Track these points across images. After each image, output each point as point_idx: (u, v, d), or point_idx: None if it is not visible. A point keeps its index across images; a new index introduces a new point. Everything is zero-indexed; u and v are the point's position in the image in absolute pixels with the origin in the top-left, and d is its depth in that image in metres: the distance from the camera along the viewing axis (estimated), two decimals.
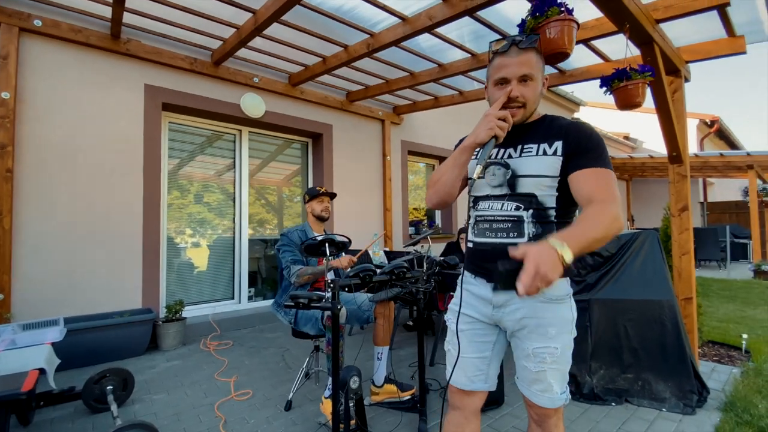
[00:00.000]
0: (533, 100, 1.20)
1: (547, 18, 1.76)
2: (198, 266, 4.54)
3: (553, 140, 1.18)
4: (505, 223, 1.21)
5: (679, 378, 2.46)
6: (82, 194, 3.43)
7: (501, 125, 1.13)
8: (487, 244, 1.26)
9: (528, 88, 1.17)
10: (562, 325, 1.20)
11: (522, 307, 1.20)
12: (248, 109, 4.52)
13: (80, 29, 3.35)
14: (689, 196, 3.12)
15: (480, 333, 1.31)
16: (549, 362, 1.19)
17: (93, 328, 3.14)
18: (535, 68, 1.18)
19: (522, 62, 1.16)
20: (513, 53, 1.17)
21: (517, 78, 1.16)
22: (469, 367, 1.31)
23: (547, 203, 1.19)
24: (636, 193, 13.62)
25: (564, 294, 1.22)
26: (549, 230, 1.18)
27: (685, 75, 3.19)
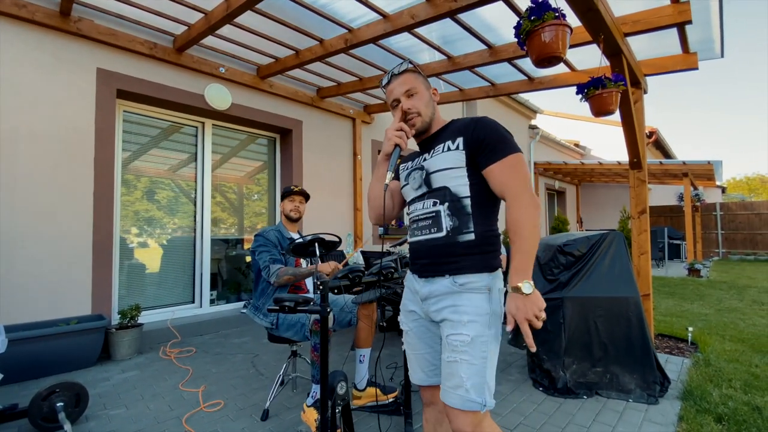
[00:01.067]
0: (425, 107, 1.37)
1: (543, 22, 1.80)
2: (154, 268, 4.21)
3: (456, 137, 1.31)
4: (426, 220, 1.33)
5: (643, 370, 2.62)
6: (22, 188, 3.05)
7: (399, 134, 1.31)
8: (415, 243, 1.39)
9: (415, 99, 1.36)
10: (477, 315, 1.22)
11: (443, 298, 1.28)
12: (213, 100, 4.26)
13: (24, 4, 2.98)
14: (647, 200, 3.35)
15: (425, 328, 1.38)
16: (459, 351, 1.19)
17: (36, 337, 2.79)
18: (415, 82, 1.38)
19: (402, 82, 1.37)
20: (393, 80, 1.40)
21: (403, 95, 1.36)
22: (423, 363, 1.39)
23: (461, 193, 1.28)
24: (585, 197, 14.54)
25: (483, 285, 1.25)
26: (465, 222, 1.27)
27: (644, 87, 3.42)
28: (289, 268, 2.38)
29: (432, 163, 1.33)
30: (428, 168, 1.33)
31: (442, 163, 1.30)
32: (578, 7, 2.23)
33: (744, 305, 5.66)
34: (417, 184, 1.37)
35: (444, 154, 1.30)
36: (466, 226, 1.27)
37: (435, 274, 1.30)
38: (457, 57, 3.91)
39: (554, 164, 11.11)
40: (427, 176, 1.33)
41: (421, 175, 1.36)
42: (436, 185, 1.31)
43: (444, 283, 1.28)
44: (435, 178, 1.31)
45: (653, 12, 2.69)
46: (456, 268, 1.26)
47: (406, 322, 1.43)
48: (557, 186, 12.81)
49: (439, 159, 1.31)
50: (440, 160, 1.30)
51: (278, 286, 2.39)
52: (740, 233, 13.37)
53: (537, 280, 3.07)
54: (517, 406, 2.51)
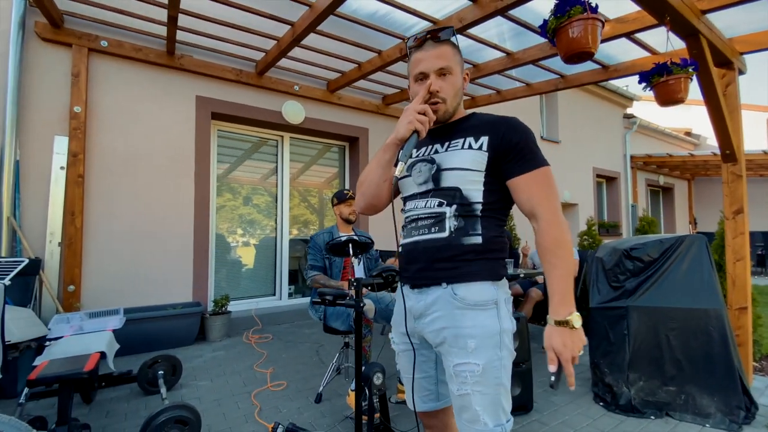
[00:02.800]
0: (453, 94, 1.16)
1: (570, 17, 1.72)
2: (243, 264, 4.84)
3: (480, 135, 1.14)
4: (427, 219, 1.15)
5: (725, 392, 2.28)
6: (141, 197, 3.80)
7: (421, 119, 1.07)
8: (409, 244, 1.19)
9: (446, 81, 1.15)
10: (485, 337, 1.05)
11: (441, 316, 1.10)
12: (289, 115, 4.75)
13: (140, 48, 3.72)
14: (745, 197, 2.87)
15: (418, 352, 1.21)
16: (471, 383, 1.04)
17: (148, 318, 3.47)
18: (453, 61, 1.15)
19: (438, 55, 1.13)
20: (428, 47, 1.15)
21: (434, 72, 1.13)
22: (417, 388, 1.24)
23: (473, 197, 1.12)
24: (698, 194, 12.55)
25: (487, 299, 1.08)
26: (472, 223, 1.11)
27: (739, 67, 2.95)
28: (322, 278, 2.70)
29: (446, 159, 1.15)
30: (441, 163, 1.15)
31: (460, 161, 1.12)
32: None
33: None
34: (422, 179, 1.18)
35: (463, 152, 1.13)
36: (474, 228, 1.11)
37: (430, 282, 1.13)
38: (516, 53, 3.79)
39: (656, 157, 9.83)
40: (438, 172, 1.15)
41: (429, 169, 1.17)
42: (446, 184, 1.13)
43: (441, 295, 1.10)
44: (446, 176, 1.13)
45: None
46: (456, 274, 1.09)
47: (398, 343, 1.27)
48: (662, 182, 11.27)
49: (457, 156, 1.13)
50: (457, 158, 1.13)
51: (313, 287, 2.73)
52: None
53: (601, 286, 2.85)
54: (569, 418, 2.39)
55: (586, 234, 5.11)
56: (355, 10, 3.32)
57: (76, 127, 3.40)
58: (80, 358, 1.95)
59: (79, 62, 3.44)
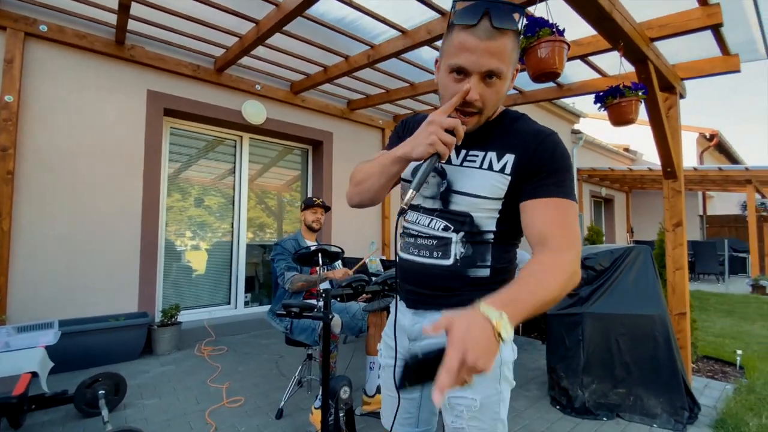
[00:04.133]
0: (493, 105, 0.91)
1: (539, 38, 1.80)
2: (195, 270, 4.56)
3: (504, 151, 0.93)
4: (429, 240, 1.00)
5: (670, 394, 2.46)
6: (81, 197, 3.46)
7: (447, 140, 0.83)
8: (408, 262, 1.05)
9: (492, 89, 0.87)
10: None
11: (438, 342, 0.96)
12: (249, 115, 4.56)
13: (85, 35, 3.40)
14: (683, 211, 3.14)
15: None
16: (466, 418, 0.95)
17: (87, 331, 3.15)
18: (507, 61, 0.86)
19: (494, 51, 0.83)
20: (483, 31, 0.82)
21: (480, 73, 0.85)
22: (399, 410, 1.10)
23: (484, 226, 0.96)
24: (635, 205, 13.65)
25: None
26: (481, 253, 0.97)
27: (680, 92, 3.23)
28: (303, 275, 2.52)
29: (459, 178, 0.96)
30: (452, 181, 0.97)
31: (475, 186, 0.94)
32: (590, 17, 2.18)
33: None
34: (429, 192, 1.01)
35: (481, 174, 0.94)
36: (482, 259, 0.97)
37: (428, 306, 1.02)
38: None
39: (599, 170, 10.56)
40: (447, 191, 0.97)
41: (438, 184, 0.99)
42: (455, 208, 0.97)
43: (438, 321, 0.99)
44: (457, 199, 0.97)
45: (680, 15, 2.55)
46: (455, 302, 0.94)
47: (386, 357, 1.14)
48: (604, 193, 12.14)
49: (473, 179, 0.95)
50: (473, 181, 0.95)
51: (293, 292, 2.53)
52: None
53: None
54: (529, 423, 2.46)
55: None
56: (323, 14, 3.26)
57: (6, 118, 3.03)
58: (8, 380, 1.72)
59: (13, 47, 3.08)
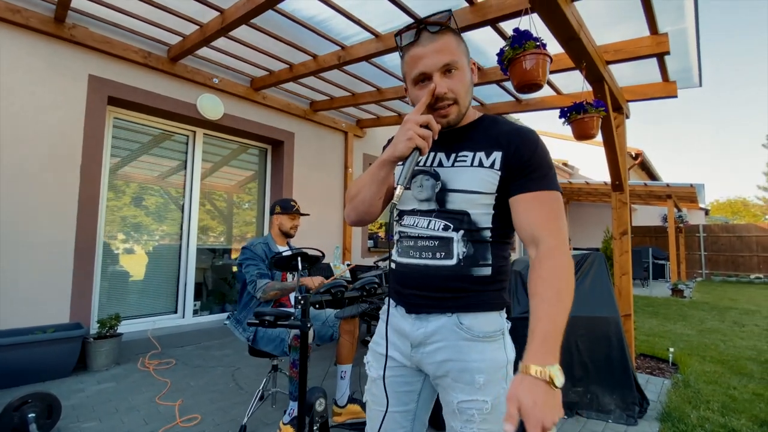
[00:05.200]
0: (465, 93, 0.97)
1: (525, 50, 1.87)
2: (137, 276, 4.15)
3: (491, 149, 0.99)
4: (430, 241, 1.01)
5: (622, 390, 2.64)
6: (4, 193, 3.01)
7: (423, 134, 0.88)
8: (408, 266, 1.05)
9: (455, 79, 0.94)
10: (494, 371, 0.96)
11: (444, 347, 0.99)
12: (205, 110, 4.28)
13: (19, 9, 2.99)
14: (629, 221, 3.42)
15: (402, 381, 1.07)
16: (478, 421, 0.94)
17: (10, 345, 2.72)
18: (457, 52, 0.94)
19: (439, 48, 0.92)
20: (426, 40, 0.93)
21: (438, 70, 0.93)
22: (390, 424, 1.07)
23: (482, 223, 0.99)
24: (573, 216, 14.77)
25: (496, 329, 0.99)
26: (482, 252, 0.99)
27: (626, 112, 3.54)
28: (277, 283, 2.38)
29: (453, 177, 1.00)
30: (446, 181, 1.00)
31: (469, 183, 0.98)
32: (561, 36, 2.32)
33: (725, 326, 5.76)
34: (424, 196, 1.03)
35: (473, 171, 0.98)
36: (483, 257, 0.99)
37: (433, 309, 1.01)
38: None
39: None
40: (443, 191, 1.01)
41: (432, 186, 1.02)
42: (452, 207, 1.00)
43: (445, 324, 0.99)
44: (453, 198, 0.99)
45: (633, 42, 2.81)
46: (463, 304, 0.99)
47: (377, 369, 1.08)
48: None
49: (466, 176, 0.99)
50: (467, 178, 0.99)
51: (265, 300, 2.38)
52: (723, 255, 13.66)
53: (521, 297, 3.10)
54: None
55: None
56: (295, 10, 3.16)
57: None
58: None
59: None
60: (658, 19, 2.53)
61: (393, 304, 1.10)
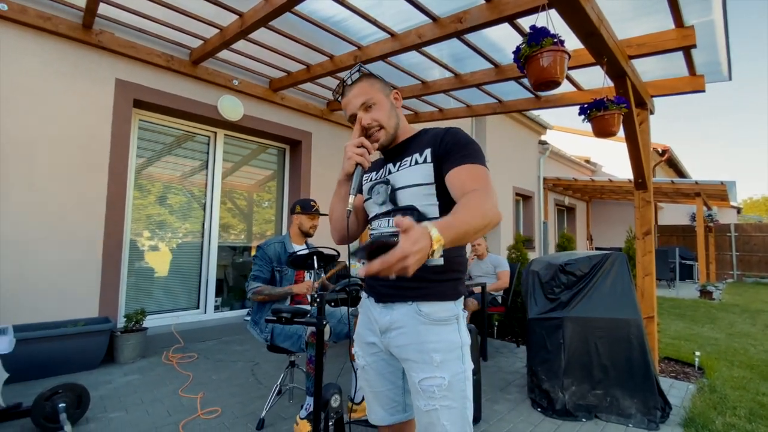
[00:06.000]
0: (386, 118, 1.22)
1: (541, 47, 1.84)
2: (162, 273, 4.29)
3: (424, 148, 1.19)
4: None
5: (644, 394, 2.57)
6: (38, 191, 3.17)
7: (360, 152, 1.14)
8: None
9: (374, 111, 1.20)
10: (449, 350, 1.10)
11: (406, 332, 1.14)
12: (226, 111, 4.38)
13: (50, 17, 3.13)
14: (652, 220, 3.32)
15: (385, 363, 1.24)
16: (438, 397, 1.07)
17: (43, 338, 2.87)
18: (371, 91, 1.21)
19: (357, 94, 1.21)
20: (347, 91, 1.24)
21: (359, 108, 1.20)
22: (384, 401, 1.25)
23: (429, 214, 1.15)
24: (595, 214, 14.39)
25: (450, 315, 1.14)
26: None
27: (650, 108, 3.43)
28: (266, 288, 2.46)
29: (398, 178, 1.20)
30: (394, 183, 1.21)
31: (410, 178, 1.17)
32: (580, 32, 2.27)
33: (756, 330, 5.52)
34: (381, 200, 1.24)
35: (411, 168, 1.18)
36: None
37: (396, 298, 1.16)
38: (464, 75, 3.97)
39: (564, 180, 11.06)
40: (393, 192, 1.20)
41: (386, 190, 1.23)
42: (402, 203, 1.18)
43: (407, 311, 1.15)
44: (401, 194, 1.19)
45: (658, 36, 2.72)
46: (423, 294, 1.14)
47: (363, 356, 1.27)
48: (567, 202, 12.73)
49: (407, 174, 1.19)
50: (407, 175, 1.18)
51: (254, 301, 2.47)
52: (755, 255, 13.06)
53: (538, 298, 3.06)
54: (513, 426, 2.48)
55: (513, 247, 5.49)
56: (313, 11, 3.19)
57: None
58: None
59: None
60: (684, 11, 2.44)
61: (365, 296, 1.30)
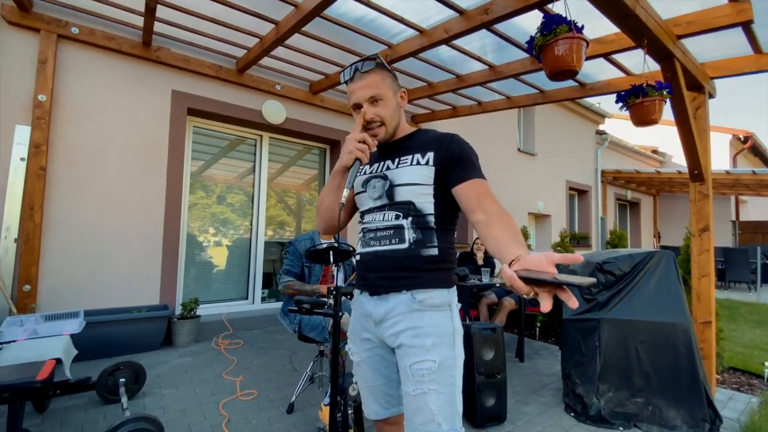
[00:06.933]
0: (390, 117, 1.24)
1: (556, 36, 1.76)
2: (215, 266, 4.68)
3: (426, 151, 1.23)
4: (386, 230, 1.23)
5: (690, 404, 2.36)
6: (108, 193, 3.61)
7: (361, 147, 1.16)
8: (370, 253, 1.26)
9: (380, 107, 1.22)
10: (441, 336, 1.15)
11: (401, 319, 1.17)
12: (269, 115, 4.65)
13: (113, 37, 3.55)
14: (711, 216, 3.01)
15: (380, 358, 1.27)
16: (427, 380, 1.10)
17: (111, 321, 3.28)
18: (381, 87, 1.22)
19: (366, 85, 1.21)
20: (357, 79, 1.23)
21: (366, 101, 1.22)
22: (378, 395, 1.28)
23: (426, 209, 1.21)
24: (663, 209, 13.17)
25: (443, 302, 1.19)
26: (429, 236, 1.20)
27: (709, 91, 3.10)
28: (296, 284, 2.62)
29: (398, 175, 1.24)
30: (393, 179, 1.24)
31: (410, 177, 1.22)
32: (613, 14, 2.12)
33: None
34: (377, 194, 1.27)
35: (412, 168, 1.22)
36: (430, 241, 1.21)
37: (391, 289, 1.20)
38: (498, 66, 3.85)
39: (625, 172, 10.25)
40: (391, 188, 1.24)
41: (383, 185, 1.26)
42: (399, 199, 1.22)
43: (401, 300, 1.19)
44: (399, 191, 1.22)
45: (709, 12, 2.45)
46: (417, 282, 1.18)
47: (358, 352, 1.32)
48: (629, 196, 11.76)
49: (407, 172, 1.23)
50: (408, 174, 1.22)
51: (285, 294, 2.67)
52: None
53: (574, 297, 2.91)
54: (541, 429, 2.41)
55: (559, 245, 5.23)
56: (342, 14, 3.29)
57: (39, 116, 3.20)
58: (33, 365, 1.80)
59: (46, 49, 3.24)
60: None
61: (359, 292, 1.32)
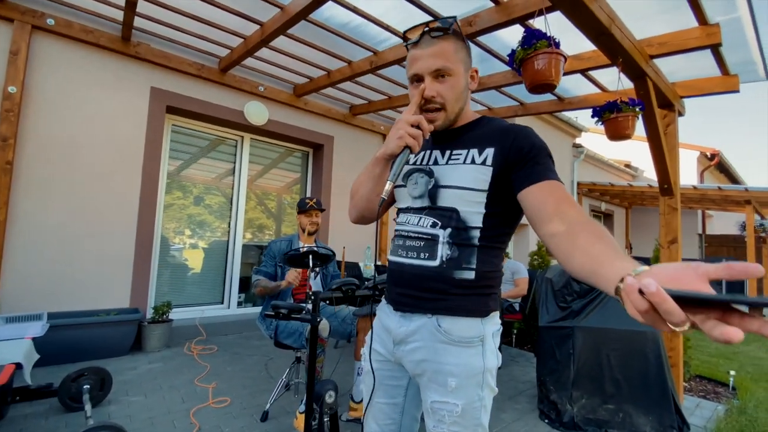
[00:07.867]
0: (454, 100, 1.00)
1: (536, 50, 1.81)
2: (190, 269, 4.55)
3: (484, 146, 0.99)
4: (417, 240, 1.02)
5: (659, 412, 2.44)
6: (79, 191, 3.47)
7: (413, 133, 0.92)
8: (395, 263, 1.07)
9: (445, 84, 0.98)
10: (468, 377, 0.96)
11: (422, 347, 1.00)
12: (252, 116, 4.59)
13: (91, 30, 3.44)
14: (679, 228, 3.13)
15: (389, 374, 1.10)
16: (448, 423, 0.96)
17: (77, 325, 3.13)
18: (453, 59, 0.97)
19: (435, 53, 0.96)
20: (425, 43, 0.98)
21: (429, 73, 0.97)
22: (378, 414, 1.11)
23: (470, 222, 0.98)
24: (635, 221, 13.64)
25: (473, 336, 0.98)
26: (467, 255, 0.99)
27: (679, 109, 3.24)
28: (263, 281, 2.57)
29: (445, 174, 1.01)
30: (438, 178, 1.02)
31: (459, 179, 0.99)
32: (589, 32, 2.20)
33: None
34: (418, 192, 1.05)
35: (464, 167, 0.99)
36: (467, 261, 0.98)
37: (414, 309, 1.02)
38: (481, 78, 3.93)
39: (599, 185, 10.57)
40: (435, 188, 1.01)
41: (426, 183, 1.03)
42: (442, 203, 1.00)
43: (426, 325, 1.00)
44: (444, 193, 1.00)
45: (680, 34, 2.58)
46: (443, 306, 0.99)
47: (368, 360, 1.14)
48: (603, 208, 12.15)
49: (457, 172, 1.00)
50: (457, 174, 0.99)
51: (255, 294, 2.71)
52: None
53: (550, 306, 2.97)
54: None
55: (536, 254, 5.34)
56: (328, 18, 3.29)
57: (8, 108, 3.05)
58: None
59: (19, 39, 3.11)
60: (706, 8, 2.31)
61: (384, 302, 1.14)
